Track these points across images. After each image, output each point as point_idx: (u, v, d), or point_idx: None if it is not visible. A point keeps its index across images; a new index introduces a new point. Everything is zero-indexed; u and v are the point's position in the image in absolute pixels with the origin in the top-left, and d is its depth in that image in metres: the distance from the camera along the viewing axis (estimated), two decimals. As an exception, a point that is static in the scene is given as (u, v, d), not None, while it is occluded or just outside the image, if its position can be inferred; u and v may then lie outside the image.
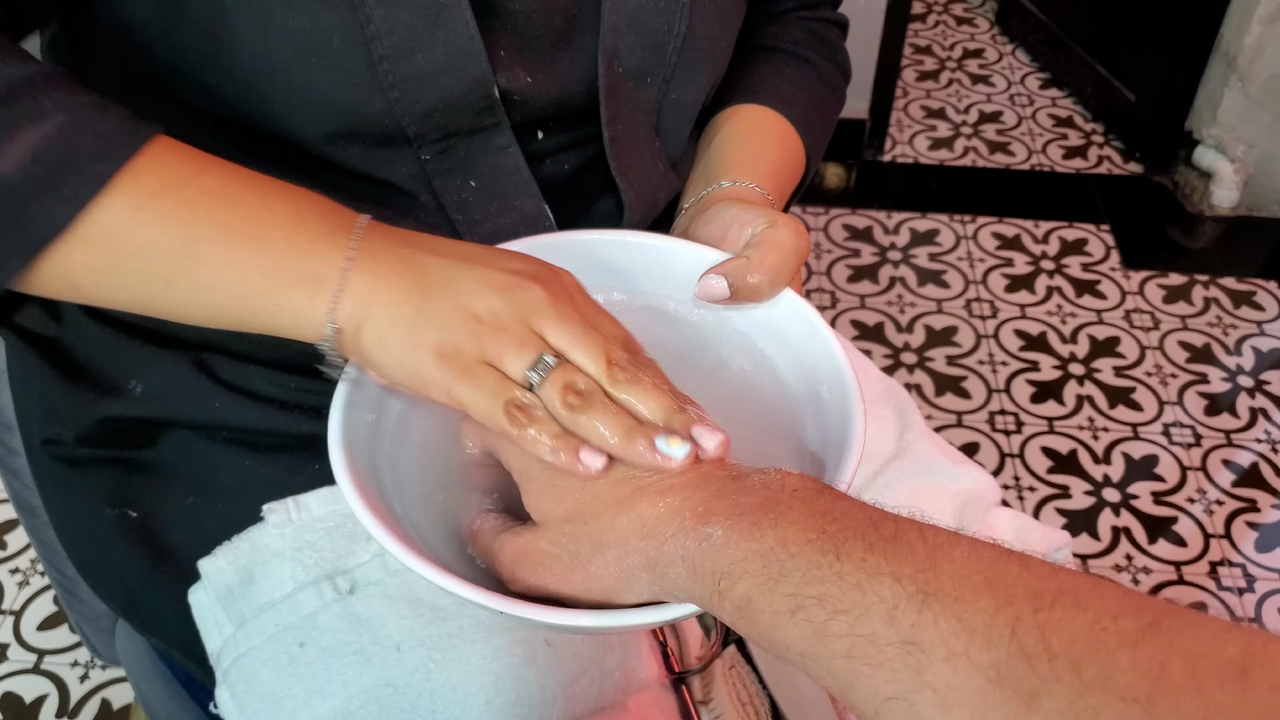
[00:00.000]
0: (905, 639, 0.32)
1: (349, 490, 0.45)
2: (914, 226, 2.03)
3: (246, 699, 0.56)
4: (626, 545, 0.41)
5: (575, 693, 0.56)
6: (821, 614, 0.34)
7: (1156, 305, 1.87)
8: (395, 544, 0.43)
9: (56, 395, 0.63)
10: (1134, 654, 0.29)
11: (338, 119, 0.52)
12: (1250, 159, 2.01)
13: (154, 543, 0.62)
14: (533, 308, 0.44)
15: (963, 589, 0.33)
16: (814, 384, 0.53)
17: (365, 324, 0.44)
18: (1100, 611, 0.30)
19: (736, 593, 0.37)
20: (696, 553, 0.39)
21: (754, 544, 0.37)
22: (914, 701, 0.32)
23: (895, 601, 0.33)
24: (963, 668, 0.31)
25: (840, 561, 0.35)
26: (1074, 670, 0.29)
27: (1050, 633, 0.30)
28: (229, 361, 0.60)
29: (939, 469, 0.71)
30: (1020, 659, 0.30)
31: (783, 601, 0.35)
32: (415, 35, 0.51)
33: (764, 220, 0.55)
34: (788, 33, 0.73)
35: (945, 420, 1.66)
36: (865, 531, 0.36)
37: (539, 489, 0.44)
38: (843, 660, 0.33)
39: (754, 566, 0.37)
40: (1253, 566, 1.47)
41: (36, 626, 1.38)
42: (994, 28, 2.60)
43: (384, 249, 0.45)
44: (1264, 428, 1.66)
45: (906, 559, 0.34)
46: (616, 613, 0.42)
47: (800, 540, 0.36)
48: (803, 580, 0.35)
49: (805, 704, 0.61)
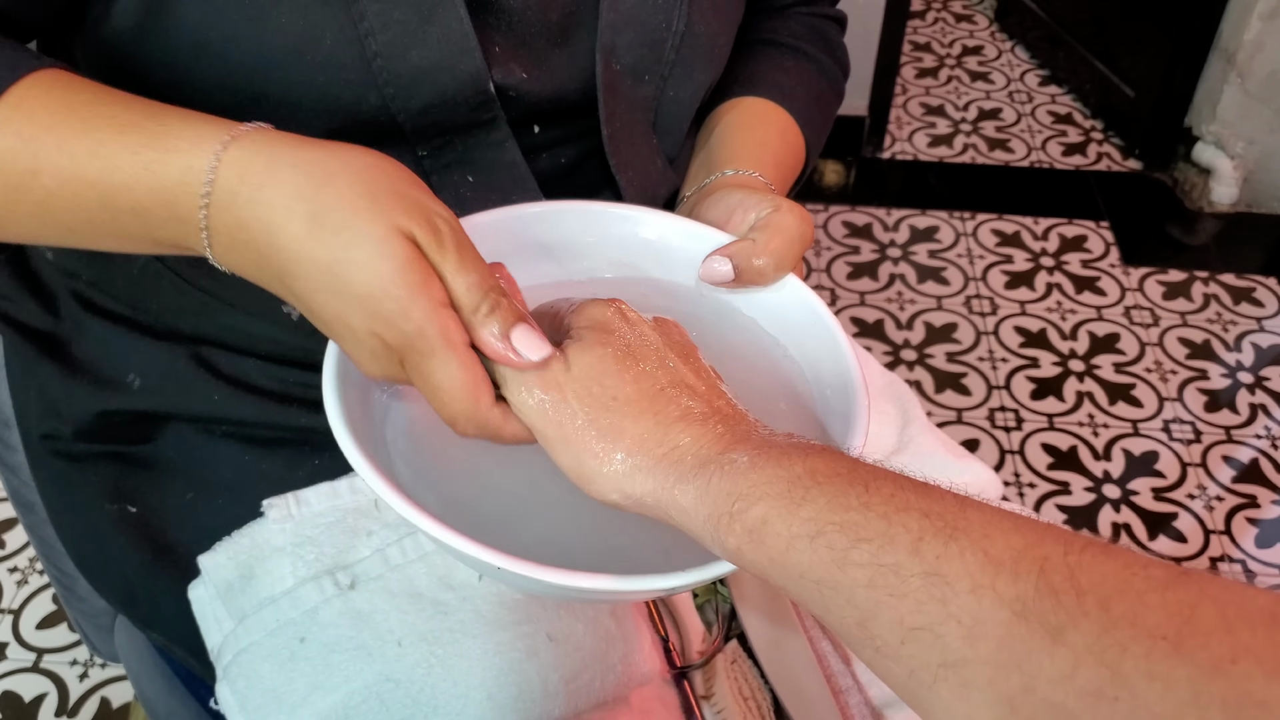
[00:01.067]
0: (930, 570, 0.32)
1: (348, 445, 0.43)
2: (913, 223, 2.03)
3: (247, 695, 0.56)
4: (642, 445, 0.40)
5: (577, 687, 0.56)
6: (843, 541, 0.34)
7: (1156, 302, 1.86)
8: (397, 499, 0.42)
9: (54, 390, 0.63)
10: (1164, 595, 0.29)
11: (333, 117, 0.52)
12: (1250, 155, 2.01)
13: (153, 538, 0.62)
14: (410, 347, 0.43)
15: (991, 528, 0.32)
16: (817, 369, 0.53)
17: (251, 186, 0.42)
18: (1130, 560, 0.30)
19: (751, 515, 0.36)
20: (716, 474, 0.38)
21: (780, 470, 0.36)
22: (940, 633, 0.31)
23: (921, 534, 0.33)
24: (988, 600, 0.31)
25: (869, 493, 0.35)
26: (1102, 607, 0.29)
27: (1079, 572, 0.30)
28: (227, 355, 0.60)
29: (940, 463, 0.71)
30: (1048, 594, 0.30)
31: (802, 526, 0.35)
32: (409, 32, 0.50)
33: (769, 204, 0.55)
34: (787, 27, 0.73)
35: (945, 417, 1.66)
36: (895, 476, 0.36)
37: (594, 348, 0.43)
38: (864, 590, 0.33)
39: (777, 489, 0.36)
40: (1253, 562, 1.47)
41: (35, 625, 1.37)
42: (993, 24, 2.60)
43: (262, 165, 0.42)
44: (1264, 424, 1.66)
45: (936, 500, 0.34)
46: (627, 577, 0.41)
47: (828, 472, 0.36)
48: (827, 506, 0.35)
49: (807, 698, 0.61)
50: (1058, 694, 0.29)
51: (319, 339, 0.59)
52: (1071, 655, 0.29)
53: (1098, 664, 0.28)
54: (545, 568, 0.41)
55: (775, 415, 0.53)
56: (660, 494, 0.39)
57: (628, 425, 0.41)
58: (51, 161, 0.43)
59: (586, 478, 0.41)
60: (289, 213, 0.40)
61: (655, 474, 0.40)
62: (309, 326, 0.59)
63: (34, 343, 0.64)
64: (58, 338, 0.63)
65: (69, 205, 0.44)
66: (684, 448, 0.40)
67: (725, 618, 0.64)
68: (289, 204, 0.41)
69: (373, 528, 0.58)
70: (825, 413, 0.52)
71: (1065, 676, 0.29)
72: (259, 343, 0.60)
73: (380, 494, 0.42)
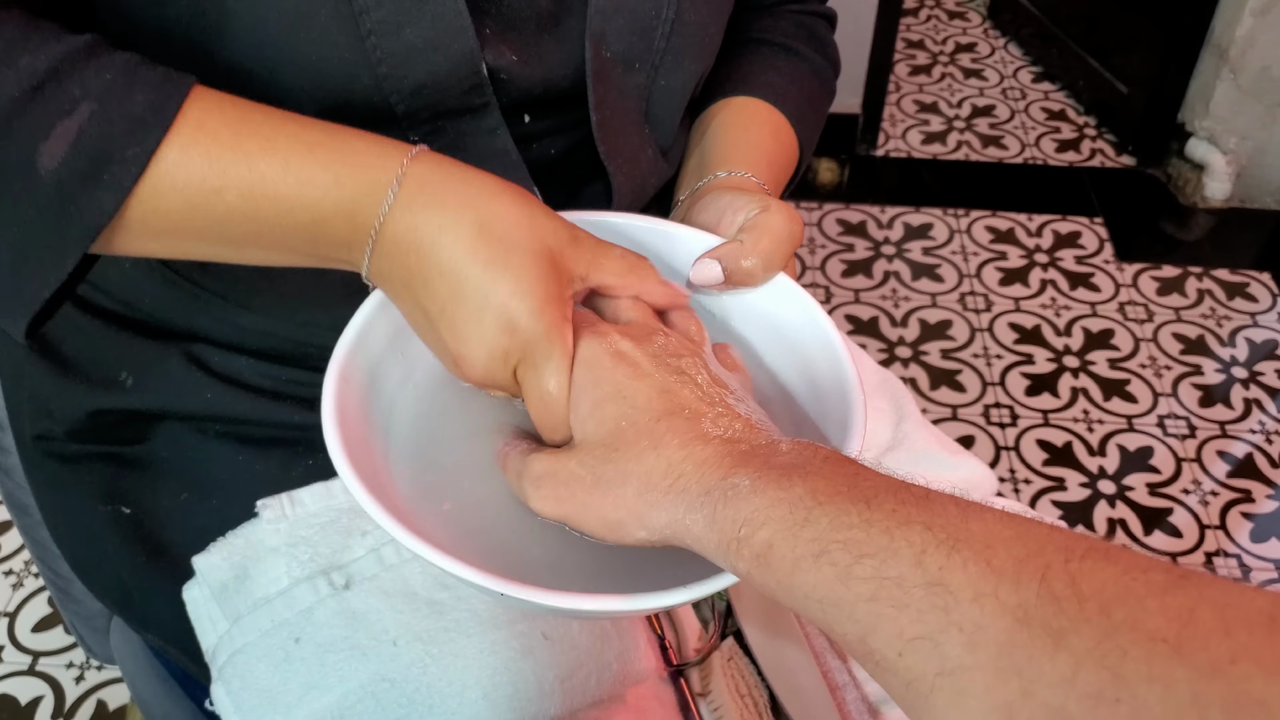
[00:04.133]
0: (933, 580, 0.32)
1: (340, 458, 0.44)
2: (907, 221, 2.03)
3: (242, 695, 0.56)
4: (649, 482, 0.41)
5: (573, 685, 0.56)
6: (846, 558, 0.34)
7: (1150, 297, 1.87)
8: (393, 524, 0.42)
9: (46, 390, 0.63)
10: (1163, 600, 0.29)
11: (326, 96, 0.52)
12: (1242, 151, 2.01)
13: (148, 539, 0.61)
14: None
15: (993, 539, 0.33)
16: (811, 369, 0.53)
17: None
18: (1130, 565, 0.31)
19: (757, 539, 0.37)
20: (720, 501, 0.39)
21: (781, 492, 0.37)
22: (940, 641, 0.31)
23: (924, 546, 0.33)
24: (990, 608, 0.31)
25: (870, 510, 0.35)
26: (1103, 612, 0.29)
27: (1080, 579, 0.30)
28: (219, 352, 0.60)
29: (935, 459, 0.71)
30: (1049, 600, 0.30)
31: (806, 547, 0.35)
32: (403, 9, 0.50)
33: (757, 205, 0.55)
34: (778, 25, 0.73)
35: (940, 414, 1.66)
36: (897, 489, 0.36)
37: (589, 404, 0.45)
38: (866, 604, 0.33)
39: (780, 513, 0.36)
40: (1248, 557, 1.48)
41: (31, 628, 1.37)
42: (986, 22, 2.60)
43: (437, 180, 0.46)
44: (1258, 418, 1.66)
45: (938, 512, 0.34)
46: (614, 597, 0.42)
47: (829, 491, 0.36)
48: (829, 526, 0.35)
49: (804, 695, 0.61)
50: (1058, 697, 0.29)
51: (309, 330, 0.59)
52: (1073, 659, 0.29)
53: (1099, 667, 0.29)
54: (550, 592, 0.41)
55: (772, 419, 0.53)
56: (675, 525, 0.41)
57: (631, 466, 0.42)
58: (240, 179, 0.44)
59: (611, 528, 0.43)
60: (459, 219, 0.45)
61: (666, 506, 0.41)
62: (299, 318, 0.59)
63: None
64: (48, 334, 0.63)
65: (243, 221, 0.45)
66: (688, 475, 0.41)
67: (721, 615, 0.64)
68: (460, 211, 0.45)
69: (367, 527, 0.58)
70: (821, 415, 0.52)
71: (1066, 680, 0.29)
72: (250, 336, 0.60)
73: (381, 522, 0.43)
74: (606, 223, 0.57)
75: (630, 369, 0.45)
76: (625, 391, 0.44)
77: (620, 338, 0.46)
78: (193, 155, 0.44)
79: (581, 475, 0.43)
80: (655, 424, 0.43)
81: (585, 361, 0.46)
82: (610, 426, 0.43)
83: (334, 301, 0.52)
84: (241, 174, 0.44)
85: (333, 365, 0.48)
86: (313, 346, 0.60)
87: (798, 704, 0.60)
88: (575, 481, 0.44)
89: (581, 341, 0.46)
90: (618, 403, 0.44)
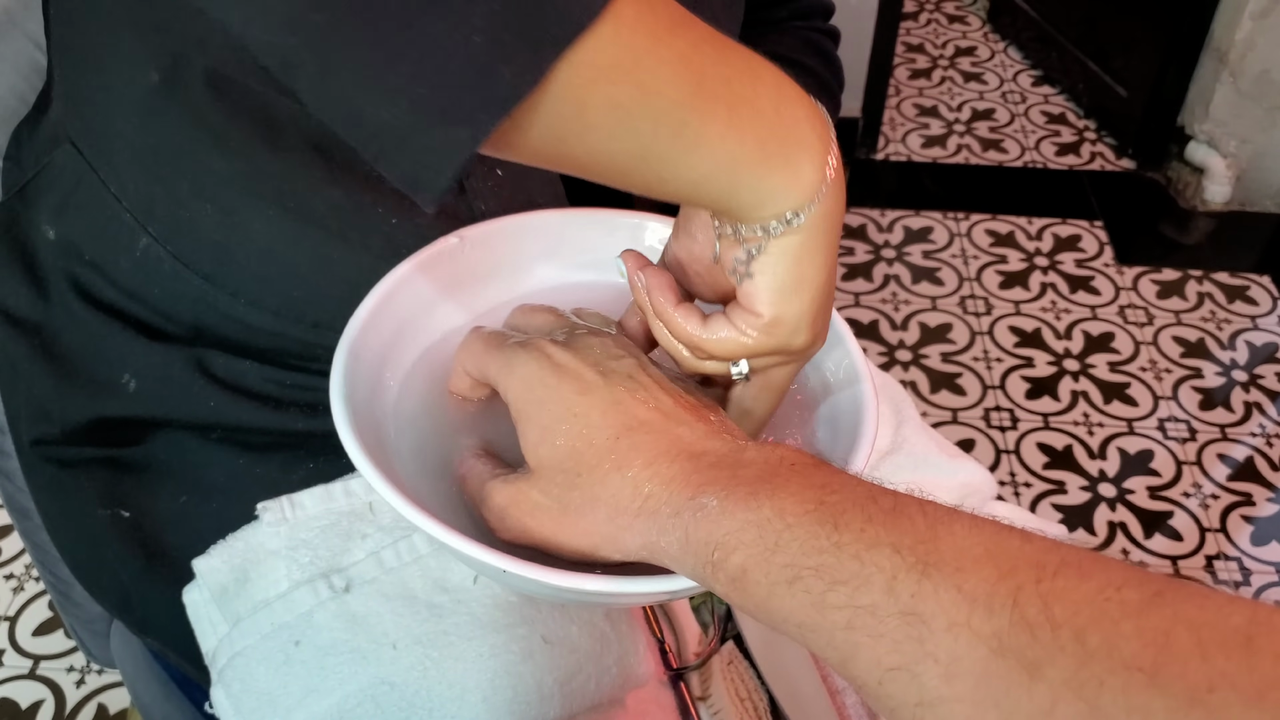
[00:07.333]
0: (905, 609, 0.32)
1: (350, 440, 0.43)
2: (908, 224, 2.03)
3: (242, 698, 0.56)
4: (618, 506, 0.40)
5: (573, 689, 0.56)
6: (819, 585, 0.34)
7: (1150, 301, 1.87)
8: (397, 497, 0.42)
9: (45, 393, 0.63)
10: (1138, 623, 0.29)
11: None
12: (1242, 154, 2.01)
13: (147, 543, 0.61)
14: None
15: (963, 559, 0.32)
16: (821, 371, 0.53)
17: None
18: (1104, 582, 0.30)
19: (731, 564, 0.36)
20: (690, 523, 0.38)
21: (750, 514, 0.36)
22: (917, 672, 0.31)
23: (894, 572, 0.32)
24: (965, 638, 0.31)
25: (839, 532, 0.34)
26: (1078, 640, 0.29)
27: (1053, 602, 0.30)
28: (224, 358, 0.60)
29: (935, 463, 0.71)
30: (1023, 629, 0.30)
31: (779, 572, 0.35)
32: None
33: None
34: (785, 41, 0.74)
35: (940, 417, 1.66)
36: (864, 504, 0.35)
37: (537, 430, 0.42)
38: (843, 632, 0.33)
39: (750, 537, 0.36)
40: (1249, 560, 1.48)
41: (32, 632, 1.37)
42: (986, 25, 2.61)
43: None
44: (1258, 421, 1.66)
45: (906, 530, 0.34)
46: (618, 579, 0.41)
47: (798, 511, 0.36)
48: (800, 551, 0.35)
49: (803, 699, 0.61)
50: None
51: (318, 332, 0.59)
52: (1050, 691, 0.29)
53: (1076, 699, 0.28)
54: (549, 570, 0.40)
55: (776, 421, 0.53)
56: (650, 547, 0.40)
57: (598, 491, 0.40)
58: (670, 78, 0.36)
59: (584, 554, 0.42)
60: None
61: (639, 530, 0.40)
62: (310, 318, 0.59)
63: (21, 336, 0.63)
64: (45, 329, 0.63)
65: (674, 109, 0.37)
66: (657, 496, 0.39)
67: (721, 619, 0.64)
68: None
69: (367, 531, 0.58)
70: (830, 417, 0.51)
71: (1044, 713, 0.29)
72: (259, 335, 0.60)
73: (382, 493, 0.42)
74: (624, 222, 0.57)
75: (575, 383, 0.42)
76: (576, 410, 0.42)
77: (555, 348, 0.44)
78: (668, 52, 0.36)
79: (546, 505, 0.42)
80: (615, 442, 0.41)
81: (525, 381, 0.43)
82: (566, 450, 0.41)
83: (344, 302, 0.52)
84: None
85: (344, 341, 0.47)
86: (321, 348, 0.60)
87: (797, 708, 0.60)
88: (540, 511, 0.42)
89: (517, 359, 0.44)
90: (570, 422, 0.42)
